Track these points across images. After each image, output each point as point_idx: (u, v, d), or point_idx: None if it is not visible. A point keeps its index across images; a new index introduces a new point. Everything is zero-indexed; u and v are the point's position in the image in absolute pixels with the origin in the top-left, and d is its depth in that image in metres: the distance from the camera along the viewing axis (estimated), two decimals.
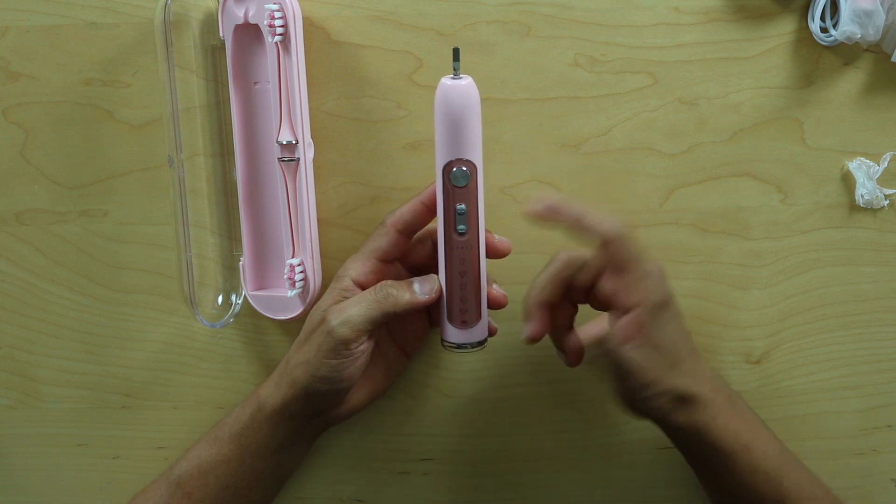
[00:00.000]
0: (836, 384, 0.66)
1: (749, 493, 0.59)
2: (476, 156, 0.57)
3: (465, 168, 0.56)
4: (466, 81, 0.56)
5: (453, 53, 0.56)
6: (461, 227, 0.57)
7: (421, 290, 0.59)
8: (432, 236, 0.61)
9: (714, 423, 0.58)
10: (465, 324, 0.59)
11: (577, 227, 0.56)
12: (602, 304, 0.58)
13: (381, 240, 0.60)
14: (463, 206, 0.57)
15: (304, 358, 0.60)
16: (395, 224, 0.60)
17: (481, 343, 0.60)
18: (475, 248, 0.58)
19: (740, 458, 0.59)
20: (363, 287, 0.60)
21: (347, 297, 0.59)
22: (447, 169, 0.57)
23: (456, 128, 0.56)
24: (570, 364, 0.61)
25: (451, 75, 0.56)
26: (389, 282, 0.59)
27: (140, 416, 0.69)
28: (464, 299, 0.59)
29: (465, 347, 0.60)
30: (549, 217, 0.57)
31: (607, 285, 0.57)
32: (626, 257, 0.56)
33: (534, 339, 0.59)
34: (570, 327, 0.61)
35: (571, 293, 0.60)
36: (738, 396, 0.61)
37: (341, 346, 0.58)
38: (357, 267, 0.60)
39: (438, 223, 0.58)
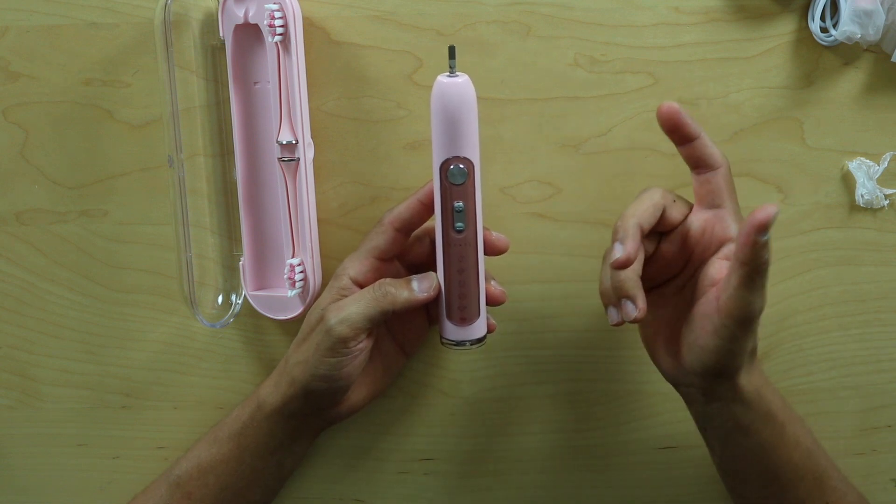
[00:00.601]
0: (836, 384, 0.66)
1: (793, 469, 0.59)
2: (473, 153, 0.57)
3: (462, 166, 0.56)
4: (462, 79, 0.56)
5: (449, 51, 0.56)
6: (459, 224, 0.57)
7: (419, 287, 0.59)
8: (430, 234, 0.62)
9: (768, 388, 0.59)
10: (464, 321, 0.59)
11: (695, 143, 0.56)
12: (682, 243, 0.58)
13: (379, 238, 0.60)
14: (461, 203, 0.57)
15: (303, 357, 0.60)
16: (392, 222, 0.60)
17: (480, 340, 0.60)
18: (473, 246, 0.58)
19: (788, 430, 0.59)
20: (361, 286, 0.60)
21: (346, 296, 0.59)
22: (444, 167, 0.57)
23: (453, 126, 0.56)
24: (627, 317, 0.56)
25: (447, 73, 0.56)
26: (388, 280, 0.59)
27: (140, 416, 0.69)
28: (462, 296, 0.59)
29: (465, 345, 0.60)
30: (676, 121, 0.56)
31: (697, 220, 0.57)
32: (728, 188, 0.56)
33: (628, 262, 0.54)
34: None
35: (657, 226, 0.58)
36: None
37: (340, 345, 0.58)
38: (355, 266, 0.60)
39: (436, 221, 0.58)
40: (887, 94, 0.63)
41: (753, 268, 0.52)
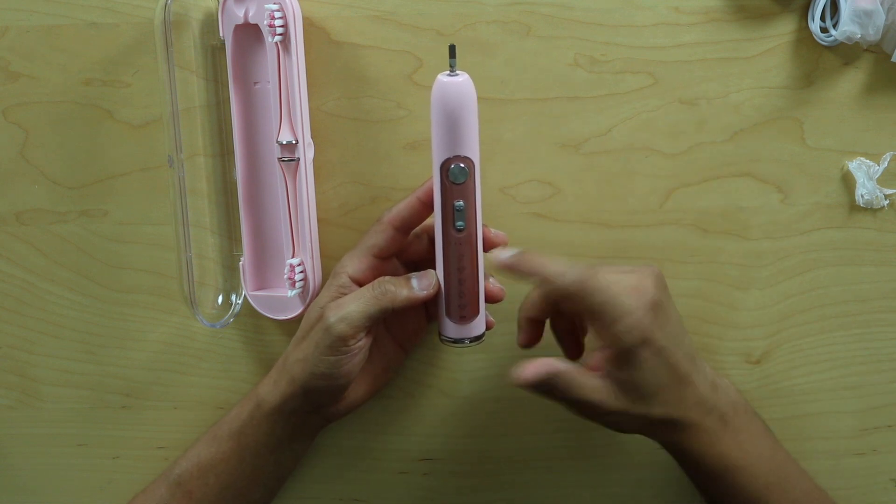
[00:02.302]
0: (836, 384, 0.66)
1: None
2: (473, 152, 0.57)
3: (462, 165, 0.56)
4: (463, 78, 0.56)
5: (449, 50, 0.55)
6: (459, 223, 0.57)
7: (419, 285, 0.59)
8: (429, 232, 0.62)
9: (694, 445, 0.59)
10: (463, 319, 0.59)
11: (538, 282, 0.56)
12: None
13: (378, 237, 0.60)
14: (461, 202, 0.57)
15: (302, 355, 0.60)
16: (391, 221, 0.60)
17: (479, 338, 0.60)
18: (473, 244, 0.58)
19: (723, 479, 0.59)
20: (360, 284, 0.60)
21: (345, 294, 0.60)
22: (445, 166, 0.57)
23: (453, 125, 0.56)
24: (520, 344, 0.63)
25: (448, 72, 0.56)
26: (387, 278, 0.59)
27: (140, 416, 0.69)
28: (462, 295, 0.59)
29: (464, 342, 0.60)
30: (510, 272, 0.57)
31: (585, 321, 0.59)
32: (592, 306, 0.55)
33: (523, 346, 0.62)
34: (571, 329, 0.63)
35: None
36: (741, 411, 0.60)
37: (339, 343, 0.58)
38: (354, 264, 0.61)
39: (436, 219, 0.58)
40: (887, 94, 0.63)
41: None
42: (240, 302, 0.66)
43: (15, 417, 0.70)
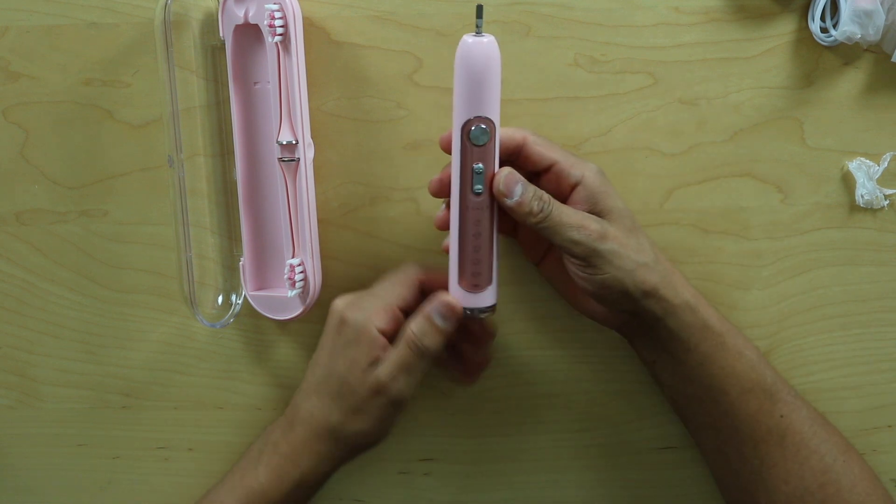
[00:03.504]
0: (836, 384, 0.66)
1: (738, 380, 0.59)
2: (495, 114, 0.56)
3: (484, 126, 0.56)
4: (488, 39, 0.55)
5: (476, 10, 0.54)
6: (478, 186, 0.56)
7: (443, 321, 0.58)
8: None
9: (700, 301, 0.59)
10: (476, 287, 0.58)
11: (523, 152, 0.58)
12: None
13: (404, 290, 0.61)
14: (480, 165, 0.56)
15: (368, 427, 0.60)
16: (422, 280, 0.61)
17: (491, 308, 0.59)
18: (490, 209, 0.57)
19: (728, 341, 0.59)
20: (385, 334, 0.59)
21: (381, 355, 0.59)
22: (466, 127, 0.56)
23: (477, 85, 0.55)
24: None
25: (474, 33, 0.55)
26: (415, 332, 0.58)
27: (140, 416, 0.69)
28: (476, 262, 0.58)
29: (476, 312, 0.58)
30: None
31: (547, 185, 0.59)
32: (545, 148, 0.58)
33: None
34: None
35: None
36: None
37: (405, 405, 0.60)
38: (381, 318, 0.60)
39: (453, 182, 0.57)
40: (887, 94, 0.63)
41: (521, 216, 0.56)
42: (240, 302, 0.66)
43: (15, 417, 0.70)
